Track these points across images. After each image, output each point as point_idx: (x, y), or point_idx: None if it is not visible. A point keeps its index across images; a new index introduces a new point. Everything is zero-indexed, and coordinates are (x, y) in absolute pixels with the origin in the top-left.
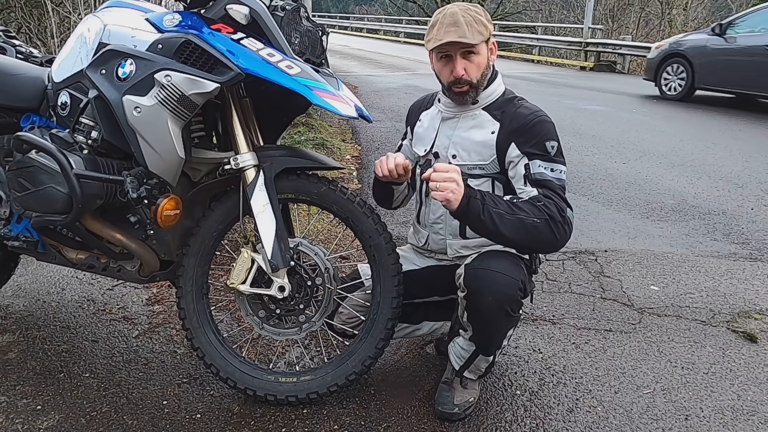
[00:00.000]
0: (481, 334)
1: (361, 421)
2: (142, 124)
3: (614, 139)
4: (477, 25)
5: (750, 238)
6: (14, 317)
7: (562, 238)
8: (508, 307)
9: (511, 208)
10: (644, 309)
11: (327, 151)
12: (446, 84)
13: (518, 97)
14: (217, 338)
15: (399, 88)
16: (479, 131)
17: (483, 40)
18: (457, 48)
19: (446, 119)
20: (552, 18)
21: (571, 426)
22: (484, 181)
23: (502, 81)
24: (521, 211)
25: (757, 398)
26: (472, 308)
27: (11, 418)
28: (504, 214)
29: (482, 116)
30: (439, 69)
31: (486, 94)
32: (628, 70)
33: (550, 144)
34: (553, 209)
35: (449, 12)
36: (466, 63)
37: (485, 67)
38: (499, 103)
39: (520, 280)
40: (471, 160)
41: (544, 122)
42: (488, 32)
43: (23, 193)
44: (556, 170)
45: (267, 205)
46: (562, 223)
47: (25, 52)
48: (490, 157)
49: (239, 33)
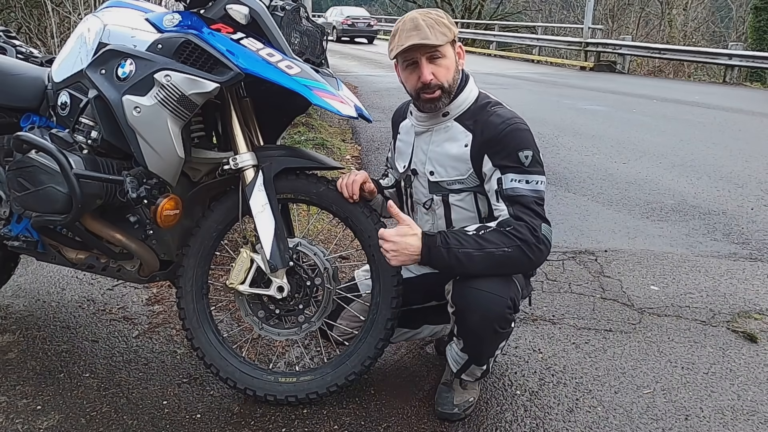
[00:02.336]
0: (471, 348)
1: (361, 421)
2: (142, 124)
3: (614, 139)
4: (439, 27)
5: (750, 238)
6: (14, 317)
7: (538, 258)
8: (496, 325)
9: (479, 243)
10: (644, 309)
11: (327, 151)
12: (414, 92)
13: (492, 103)
14: (217, 338)
15: (399, 88)
16: (453, 144)
17: (447, 41)
18: (422, 52)
19: (419, 133)
20: (552, 18)
21: (571, 426)
22: (466, 195)
23: (474, 86)
24: (490, 244)
25: (757, 398)
26: (460, 325)
27: (11, 418)
28: (472, 253)
29: (454, 128)
30: (406, 78)
31: (457, 104)
32: (628, 70)
33: (524, 154)
34: (525, 232)
35: (409, 18)
36: (434, 67)
37: (455, 71)
38: (471, 111)
39: (509, 297)
40: (449, 176)
41: (517, 131)
42: (452, 34)
43: (23, 193)
44: (531, 182)
45: (266, 205)
46: (536, 244)
47: (25, 52)
48: (467, 171)
49: (239, 33)
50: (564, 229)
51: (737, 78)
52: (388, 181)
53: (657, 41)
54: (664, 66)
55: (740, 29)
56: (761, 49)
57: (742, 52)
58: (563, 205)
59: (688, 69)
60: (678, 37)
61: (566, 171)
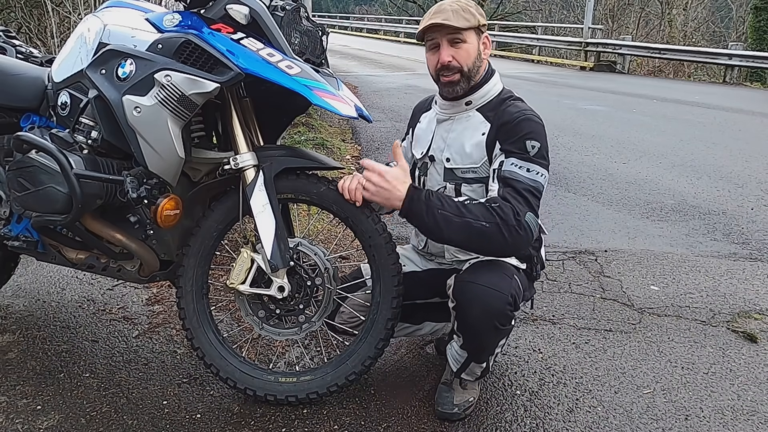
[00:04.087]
0: (471, 344)
1: (361, 421)
2: (142, 124)
3: (614, 139)
4: (464, 13)
5: (750, 238)
6: (14, 317)
7: (515, 241)
8: (496, 321)
9: (459, 209)
10: (644, 309)
11: (327, 151)
12: (435, 74)
13: (513, 97)
14: (217, 338)
15: (399, 88)
16: (471, 133)
17: (469, 26)
18: (443, 33)
19: (441, 121)
20: (552, 18)
21: (571, 426)
22: (479, 186)
23: (499, 80)
24: (470, 214)
25: (757, 398)
26: (460, 320)
27: (11, 418)
28: (450, 217)
29: (475, 117)
30: (429, 59)
31: (480, 94)
32: (628, 70)
33: (531, 143)
34: (508, 212)
35: (438, 3)
36: (454, 50)
37: (476, 58)
38: (493, 103)
39: (510, 294)
40: (464, 164)
41: (530, 121)
42: (477, 21)
43: (23, 193)
44: (532, 171)
45: (266, 205)
46: (516, 227)
47: (25, 52)
48: (480, 159)
49: (239, 33)
50: (564, 229)
51: (737, 78)
52: None
53: (657, 41)
54: (664, 66)
55: (740, 29)
56: (761, 49)
57: (742, 52)
58: (563, 205)
59: (688, 69)
60: (678, 37)
61: (566, 171)
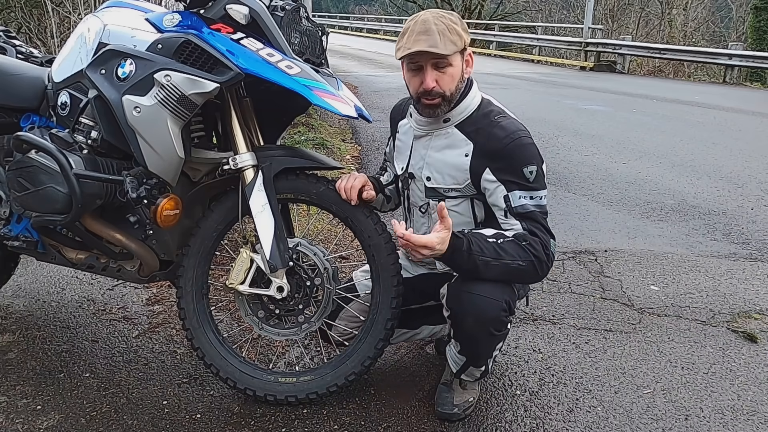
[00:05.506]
0: (468, 350)
1: (361, 421)
2: (142, 124)
3: (614, 139)
4: (450, 35)
5: (750, 238)
6: (14, 317)
7: (544, 273)
8: (491, 328)
9: (497, 252)
10: (644, 309)
11: (327, 151)
12: (415, 96)
13: (495, 112)
14: (217, 338)
15: (399, 88)
16: (452, 152)
17: (456, 50)
18: (428, 58)
19: (418, 137)
20: (552, 18)
21: (571, 426)
22: (462, 201)
23: (477, 92)
24: (508, 256)
25: (757, 398)
26: (456, 328)
27: (11, 418)
28: (490, 262)
29: (454, 135)
30: (409, 79)
31: (458, 110)
32: (628, 70)
33: (528, 170)
34: (539, 248)
35: (421, 19)
36: (438, 74)
37: (459, 80)
38: (473, 119)
39: (504, 300)
40: (445, 183)
41: (522, 145)
42: (463, 43)
43: (23, 193)
44: (536, 197)
45: (266, 206)
46: (546, 261)
47: (25, 52)
48: (464, 180)
49: (239, 33)
50: (564, 229)
51: (737, 78)
52: (387, 176)
53: (657, 41)
54: (664, 66)
55: (740, 29)
56: (761, 49)
57: (742, 52)
58: (563, 205)
59: (688, 69)
60: (678, 37)
61: (566, 171)
